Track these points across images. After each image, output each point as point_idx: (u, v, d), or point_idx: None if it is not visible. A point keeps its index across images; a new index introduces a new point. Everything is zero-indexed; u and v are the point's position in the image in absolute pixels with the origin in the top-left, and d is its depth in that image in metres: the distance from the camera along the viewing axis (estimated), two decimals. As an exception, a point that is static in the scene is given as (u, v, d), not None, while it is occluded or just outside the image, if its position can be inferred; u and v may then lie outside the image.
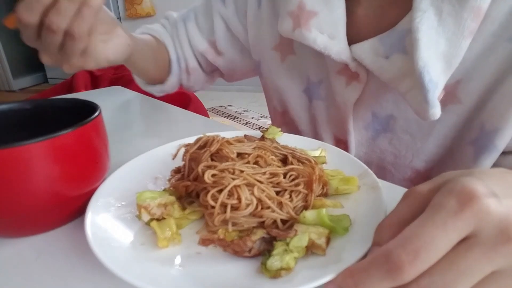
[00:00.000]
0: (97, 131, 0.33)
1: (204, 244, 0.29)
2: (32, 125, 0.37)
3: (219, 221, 0.29)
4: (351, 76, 0.49)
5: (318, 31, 0.46)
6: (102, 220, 0.30)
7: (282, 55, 0.57)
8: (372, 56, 0.44)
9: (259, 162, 0.34)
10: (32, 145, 0.27)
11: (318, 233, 0.27)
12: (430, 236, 0.19)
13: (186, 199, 0.34)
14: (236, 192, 0.29)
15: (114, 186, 0.35)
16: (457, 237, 0.19)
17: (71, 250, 0.30)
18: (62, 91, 1.89)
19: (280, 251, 0.26)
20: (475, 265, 0.19)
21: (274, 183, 0.32)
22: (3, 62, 3.35)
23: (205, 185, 0.31)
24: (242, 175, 0.30)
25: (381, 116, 0.50)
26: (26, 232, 0.32)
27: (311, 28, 0.46)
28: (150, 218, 0.30)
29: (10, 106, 0.37)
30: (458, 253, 0.19)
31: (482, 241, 0.19)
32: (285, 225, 0.30)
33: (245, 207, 0.29)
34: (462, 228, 0.19)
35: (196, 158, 0.34)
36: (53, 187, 0.29)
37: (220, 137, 0.36)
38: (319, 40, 0.46)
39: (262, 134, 0.44)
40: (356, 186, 0.35)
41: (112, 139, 0.37)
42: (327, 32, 0.46)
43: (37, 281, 0.27)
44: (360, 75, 0.48)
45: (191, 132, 0.55)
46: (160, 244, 0.28)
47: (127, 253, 0.27)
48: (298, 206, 0.32)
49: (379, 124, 0.51)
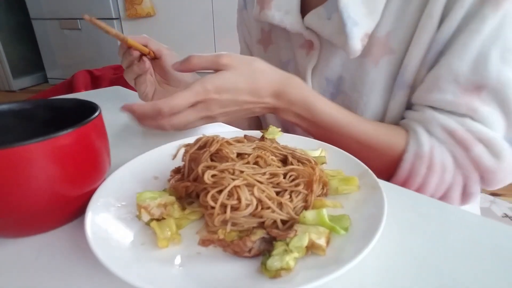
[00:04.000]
0: (97, 131, 0.33)
1: (204, 245, 0.29)
2: (32, 125, 0.37)
3: (219, 222, 0.29)
4: (309, 46, 0.58)
5: (276, 10, 0.57)
6: (102, 220, 0.30)
7: (264, 46, 0.68)
8: (317, 20, 0.53)
9: (259, 163, 0.34)
10: (32, 145, 0.27)
11: (318, 233, 0.27)
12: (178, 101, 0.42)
13: (186, 199, 0.34)
14: (236, 192, 0.29)
15: (114, 186, 0.35)
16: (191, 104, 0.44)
17: (71, 250, 0.30)
18: (62, 91, 1.89)
19: (280, 251, 0.26)
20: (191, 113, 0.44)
21: (274, 183, 0.32)
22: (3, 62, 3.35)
23: (205, 186, 0.31)
24: (242, 176, 0.30)
25: (333, 79, 0.58)
26: (25, 233, 0.32)
27: (271, 7, 0.58)
28: (150, 218, 0.30)
29: (10, 106, 0.37)
30: None
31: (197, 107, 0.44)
32: (285, 225, 0.30)
33: (245, 207, 0.29)
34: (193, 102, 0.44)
35: (196, 159, 0.34)
36: (53, 187, 0.29)
37: (220, 137, 0.36)
38: (276, 15, 0.57)
39: (262, 134, 0.44)
40: (356, 186, 0.35)
41: (112, 139, 0.37)
42: (284, 9, 0.57)
43: (37, 281, 0.27)
44: (314, 42, 0.57)
45: (191, 132, 0.55)
46: (160, 244, 0.28)
47: (127, 253, 0.27)
48: (298, 206, 0.32)
49: (332, 87, 0.58)
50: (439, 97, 0.46)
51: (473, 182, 0.46)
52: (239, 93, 0.45)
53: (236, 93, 0.45)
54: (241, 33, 0.76)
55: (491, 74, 0.43)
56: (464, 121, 0.45)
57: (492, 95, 0.44)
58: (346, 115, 0.49)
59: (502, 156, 0.44)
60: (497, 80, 0.43)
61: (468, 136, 0.44)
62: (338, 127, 0.48)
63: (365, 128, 0.48)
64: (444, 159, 0.45)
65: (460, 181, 0.46)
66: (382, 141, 0.48)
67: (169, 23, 2.92)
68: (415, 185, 0.47)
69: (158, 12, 2.93)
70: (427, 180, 0.46)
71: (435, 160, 0.45)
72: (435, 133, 0.46)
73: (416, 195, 0.39)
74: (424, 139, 0.46)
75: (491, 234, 0.32)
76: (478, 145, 0.44)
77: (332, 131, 0.48)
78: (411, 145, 0.46)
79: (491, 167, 0.44)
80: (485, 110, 0.44)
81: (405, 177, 0.47)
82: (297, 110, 0.48)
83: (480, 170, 0.45)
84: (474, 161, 0.44)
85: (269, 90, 0.47)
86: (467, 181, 0.46)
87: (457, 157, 0.45)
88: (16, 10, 3.42)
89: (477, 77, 0.44)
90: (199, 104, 0.45)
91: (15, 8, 3.41)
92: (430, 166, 0.45)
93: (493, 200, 1.55)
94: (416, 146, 0.46)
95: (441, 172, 0.45)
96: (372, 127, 0.49)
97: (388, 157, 0.48)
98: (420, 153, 0.45)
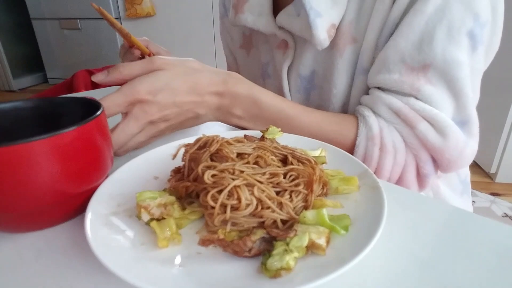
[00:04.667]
0: (100, 129, 0.33)
1: (204, 245, 0.29)
2: (35, 123, 0.38)
3: (219, 222, 0.29)
4: (285, 46, 0.59)
5: (250, 12, 0.59)
6: (102, 220, 0.30)
7: (246, 50, 0.70)
8: (287, 18, 0.54)
9: (259, 163, 0.34)
10: (35, 143, 0.27)
11: (318, 233, 0.27)
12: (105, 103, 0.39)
13: (186, 199, 0.34)
14: (236, 192, 0.29)
15: (114, 185, 0.35)
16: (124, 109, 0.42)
17: (71, 250, 0.30)
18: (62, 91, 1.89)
19: (280, 251, 0.26)
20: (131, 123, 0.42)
21: (274, 183, 0.32)
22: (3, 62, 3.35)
23: (205, 186, 0.31)
24: (242, 176, 0.30)
25: (307, 74, 0.59)
26: (26, 228, 0.32)
27: (244, 11, 0.59)
28: (150, 218, 0.30)
29: (14, 104, 0.37)
30: None
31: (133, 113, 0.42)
32: (285, 225, 0.30)
33: (245, 207, 0.29)
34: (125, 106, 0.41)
35: (196, 159, 0.34)
36: (55, 185, 0.29)
37: (219, 137, 0.35)
38: (249, 19, 0.58)
39: (262, 134, 0.44)
40: (356, 186, 0.35)
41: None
42: (256, 12, 0.58)
43: (37, 281, 0.27)
44: (288, 42, 0.58)
45: (191, 132, 0.55)
46: (160, 244, 0.28)
47: (127, 253, 0.27)
48: (298, 206, 0.32)
49: (307, 82, 0.59)
50: (386, 77, 0.47)
51: (424, 162, 0.46)
52: (175, 93, 0.43)
53: (172, 93, 0.42)
54: (224, 40, 0.77)
55: (437, 53, 0.43)
56: (409, 100, 0.45)
57: (439, 75, 0.44)
58: (294, 106, 0.48)
59: (447, 133, 0.44)
60: (443, 59, 0.43)
61: (412, 114, 0.45)
62: (287, 119, 0.47)
63: (314, 119, 0.48)
64: (394, 139, 0.46)
65: (412, 161, 0.46)
66: (332, 130, 0.48)
67: (169, 23, 2.92)
68: (371, 168, 0.47)
69: (158, 12, 2.93)
70: (382, 162, 0.46)
71: (385, 140, 0.46)
72: (381, 112, 0.47)
73: (416, 195, 0.39)
74: (372, 121, 0.46)
75: (491, 234, 0.32)
76: (422, 122, 0.44)
77: (281, 124, 0.48)
78: (361, 129, 0.47)
79: (437, 145, 0.44)
80: (429, 89, 0.45)
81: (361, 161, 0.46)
82: (243, 105, 0.47)
83: (428, 148, 0.45)
84: (420, 138, 0.45)
85: (209, 88, 0.45)
86: (418, 161, 0.46)
87: (404, 136, 0.46)
88: (16, 10, 3.42)
89: (423, 56, 0.44)
90: (134, 109, 0.41)
91: (15, 8, 3.41)
92: (382, 147, 0.46)
93: (493, 200, 1.55)
94: (366, 129, 0.47)
95: (394, 153, 0.46)
96: (321, 117, 0.49)
97: (340, 145, 0.48)
98: (370, 135, 0.46)
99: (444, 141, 0.44)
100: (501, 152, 1.69)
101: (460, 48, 0.43)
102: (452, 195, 0.61)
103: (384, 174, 0.47)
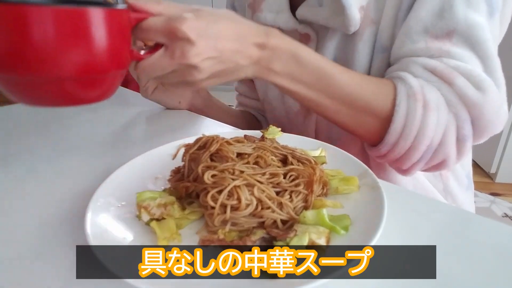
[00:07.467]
0: (126, 23, 0.34)
1: (204, 245, 0.29)
2: None
3: (219, 222, 0.29)
4: (306, 39, 0.59)
5: (268, 11, 0.59)
6: (102, 220, 0.30)
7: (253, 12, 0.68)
8: (310, 10, 0.55)
9: (259, 163, 0.34)
10: (91, 9, 0.28)
11: (318, 233, 0.27)
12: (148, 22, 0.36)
13: (186, 199, 0.34)
14: (236, 192, 0.29)
15: (114, 186, 0.35)
16: (161, 38, 0.36)
17: (71, 249, 0.30)
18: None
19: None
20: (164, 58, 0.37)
21: (274, 183, 0.32)
22: None
23: (205, 186, 0.31)
24: (242, 176, 0.30)
25: None
26: (51, 101, 0.32)
27: (262, 10, 0.59)
28: (150, 218, 0.30)
29: None
30: None
31: None
32: (285, 225, 0.30)
33: (245, 207, 0.29)
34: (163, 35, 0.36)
35: (196, 159, 0.34)
36: (96, 58, 0.30)
37: (220, 138, 0.36)
38: (268, 17, 0.59)
39: (262, 134, 0.44)
40: (356, 186, 0.35)
41: (112, 139, 0.37)
42: (275, 9, 0.59)
43: (36, 281, 0.27)
44: (310, 35, 0.58)
45: (191, 132, 0.55)
46: (160, 244, 0.28)
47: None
48: (298, 206, 0.32)
49: None
50: (412, 47, 0.47)
51: (463, 122, 0.45)
52: (219, 37, 0.39)
53: (215, 38, 0.38)
54: None
55: (459, 19, 0.44)
56: (441, 59, 0.45)
57: (463, 39, 0.45)
58: (333, 65, 0.47)
59: (485, 88, 0.43)
60: (465, 24, 0.44)
61: (448, 70, 0.44)
62: (326, 78, 0.45)
63: (354, 78, 0.47)
64: (436, 96, 0.44)
65: (453, 121, 0.45)
66: (372, 90, 0.46)
67: (169, 23, 2.92)
68: (414, 129, 0.44)
69: (158, 12, 2.93)
70: (426, 121, 0.44)
71: (427, 97, 0.44)
72: (417, 73, 0.46)
73: (416, 195, 0.39)
74: (411, 79, 0.45)
75: (491, 234, 0.32)
76: (459, 77, 0.44)
77: (320, 84, 0.46)
78: (400, 88, 0.45)
79: (476, 100, 0.43)
80: (459, 51, 0.45)
81: (403, 122, 0.45)
82: (282, 60, 0.44)
83: (467, 104, 0.44)
84: (459, 95, 0.44)
85: (252, 38, 0.42)
86: (458, 121, 0.45)
87: (444, 93, 0.44)
88: None
89: (445, 22, 0.45)
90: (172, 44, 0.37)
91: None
92: (425, 104, 0.44)
93: (493, 200, 1.55)
94: (405, 88, 0.45)
95: (437, 111, 0.44)
96: (360, 77, 0.48)
97: (380, 107, 0.46)
98: (411, 92, 0.44)
99: (482, 96, 0.43)
100: (501, 152, 1.69)
101: (480, 13, 0.44)
102: (459, 188, 0.61)
103: (427, 134, 0.44)
